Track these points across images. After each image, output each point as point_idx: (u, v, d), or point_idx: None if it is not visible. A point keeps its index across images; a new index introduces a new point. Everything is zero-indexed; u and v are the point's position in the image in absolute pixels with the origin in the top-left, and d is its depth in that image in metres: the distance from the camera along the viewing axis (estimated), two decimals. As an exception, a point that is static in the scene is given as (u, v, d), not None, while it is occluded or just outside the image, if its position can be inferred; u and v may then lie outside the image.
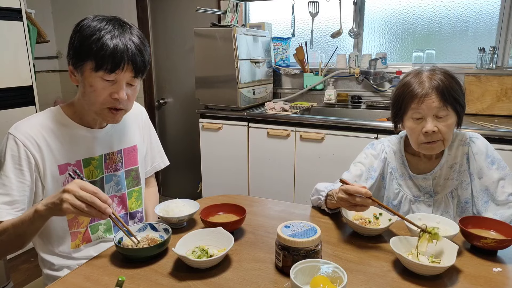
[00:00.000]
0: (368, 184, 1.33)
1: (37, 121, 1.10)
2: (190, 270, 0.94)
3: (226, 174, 2.69)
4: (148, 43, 1.09)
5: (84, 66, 1.02)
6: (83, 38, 1.00)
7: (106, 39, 0.99)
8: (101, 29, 1.00)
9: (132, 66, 1.03)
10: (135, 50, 1.03)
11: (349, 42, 2.87)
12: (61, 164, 1.10)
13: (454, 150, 1.30)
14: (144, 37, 1.08)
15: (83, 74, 1.03)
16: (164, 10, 3.35)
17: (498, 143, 1.89)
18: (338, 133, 2.28)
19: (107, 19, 1.04)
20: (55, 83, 3.89)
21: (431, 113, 1.18)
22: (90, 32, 1.00)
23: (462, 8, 2.51)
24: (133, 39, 1.03)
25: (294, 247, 0.90)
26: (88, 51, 0.99)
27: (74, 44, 1.03)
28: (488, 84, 2.34)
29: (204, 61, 2.63)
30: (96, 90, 1.03)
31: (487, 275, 0.92)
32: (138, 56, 1.03)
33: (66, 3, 3.69)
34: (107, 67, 1.00)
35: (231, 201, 1.25)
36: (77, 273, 0.95)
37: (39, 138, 1.07)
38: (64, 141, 1.11)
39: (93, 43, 0.99)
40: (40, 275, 1.30)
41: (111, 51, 0.99)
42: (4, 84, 2.35)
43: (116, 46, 0.99)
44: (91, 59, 1.00)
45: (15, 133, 1.05)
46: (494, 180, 1.24)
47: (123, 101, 1.06)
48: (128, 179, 1.28)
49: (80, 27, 1.03)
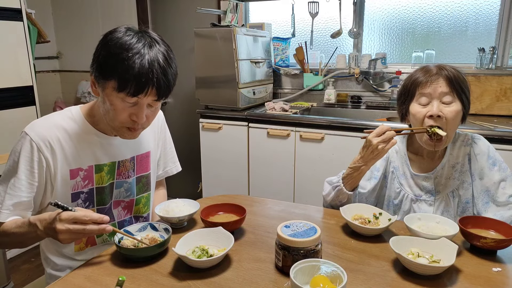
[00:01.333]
0: (372, 184, 1.34)
1: (54, 122, 1.08)
2: (190, 270, 0.94)
3: (226, 174, 2.69)
4: (175, 60, 1.04)
5: (106, 83, 0.99)
6: (109, 55, 0.97)
7: (132, 61, 0.94)
8: (129, 48, 0.95)
9: (156, 91, 0.99)
10: (161, 74, 0.98)
11: (349, 42, 2.87)
12: (73, 169, 1.10)
13: (456, 150, 1.30)
14: (172, 57, 1.03)
15: (104, 90, 1.00)
16: (164, 10, 3.35)
17: (498, 143, 1.89)
18: (338, 133, 2.28)
19: (137, 35, 0.98)
20: (55, 83, 3.90)
21: (437, 97, 1.19)
22: (117, 50, 0.95)
23: (461, 8, 2.52)
24: (159, 60, 0.98)
25: (294, 246, 0.90)
26: (112, 70, 0.96)
27: (99, 58, 0.99)
28: (488, 84, 2.34)
29: (204, 61, 2.63)
30: (116, 110, 1.01)
31: (487, 275, 0.92)
32: (163, 80, 0.99)
33: (66, 3, 3.69)
34: (129, 90, 0.96)
35: (231, 201, 1.26)
36: (78, 273, 0.95)
37: (54, 141, 1.06)
38: (78, 146, 1.10)
39: (118, 63, 0.95)
40: (41, 275, 1.31)
41: (136, 75, 0.95)
42: (4, 84, 2.35)
43: (141, 69, 0.95)
44: (115, 79, 0.96)
45: (30, 134, 1.04)
46: (495, 181, 1.24)
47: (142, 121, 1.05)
48: (139, 185, 1.27)
49: (109, 40, 0.98)
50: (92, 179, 1.13)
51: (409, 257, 0.91)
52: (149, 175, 1.29)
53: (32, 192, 1.05)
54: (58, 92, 3.92)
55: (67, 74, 3.88)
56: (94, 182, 1.14)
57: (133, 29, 1.01)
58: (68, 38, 3.75)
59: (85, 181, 1.12)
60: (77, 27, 3.67)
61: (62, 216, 0.91)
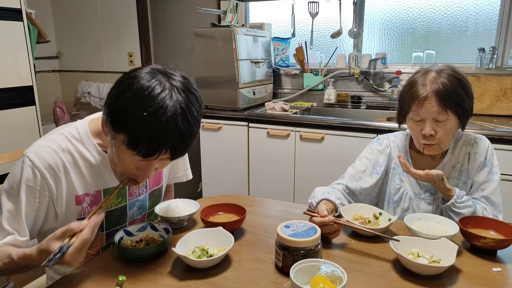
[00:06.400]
0: (374, 179, 1.35)
1: (59, 145, 0.98)
2: (190, 270, 0.94)
3: (226, 174, 2.69)
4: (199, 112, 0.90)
5: (116, 135, 0.88)
6: (125, 105, 0.84)
7: (148, 120, 0.81)
8: (146, 106, 0.81)
9: (170, 154, 0.87)
10: (178, 139, 0.85)
11: (349, 42, 2.87)
12: (79, 195, 1.02)
13: (457, 150, 1.31)
14: (197, 111, 0.89)
15: (113, 139, 0.90)
16: (164, 10, 3.35)
17: (497, 143, 1.89)
18: (338, 133, 2.28)
19: (161, 85, 0.84)
20: (55, 83, 3.89)
21: (430, 117, 1.19)
22: (134, 104, 0.82)
23: (461, 8, 2.52)
24: (182, 121, 0.84)
25: (294, 247, 0.90)
26: (125, 125, 0.84)
27: (113, 101, 0.87)
28: (488, 84, 2.34)
29: (204, 61, 2.63)
30: (122, 162, 0.91)
31: (487, 275, 0.92)
32: (180, 145, 0.86)
33: (66, 3, 3.68)
34: (140, 151, 0.85)
35: (231, 201, 1.25)
36: (78, 273, 0.95)
37: (59, 166, 0.97)
38: (85, 171, 1.01)
39: (131, 120, 0.83)
40: (41, 275, 1.30)
41: (149, 138, 0.83)
42: (4, 84, 2.35)
43: (155, 132, 0.82)
44: (125, 135, 0.85)
45: (33, 159, 0.94)
46: (479, 181, 1.26)
47: (149, 177, 0.96)
48: (151, 199, 1.21)
49: (130, 84, 0.84)
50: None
51: (409, 257, 0.91)
52: (162, 187, 1.25)
53: (32, 219, 0.97)
54: (58, 92, 3.92)
55: (67, 74, 3.88)
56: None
57: (159, 71, 0.88)
58: (68, 38, 3.75)
59: (92, 206, 1.04)
60: (77, 27, 3.67)
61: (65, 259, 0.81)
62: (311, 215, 1.08)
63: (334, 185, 1.34)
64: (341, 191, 1.31)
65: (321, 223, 1.03)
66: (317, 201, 1.19)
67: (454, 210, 1.18)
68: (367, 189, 1.34)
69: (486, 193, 1.24)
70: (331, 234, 1.06)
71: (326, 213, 1.06)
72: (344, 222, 1.06)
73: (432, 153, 1.26)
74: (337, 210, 1.17)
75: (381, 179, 1.37)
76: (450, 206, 1.18)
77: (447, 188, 1.19)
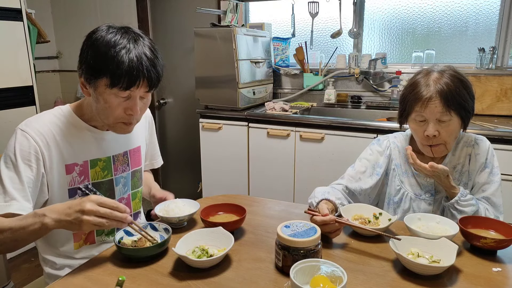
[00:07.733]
0: (373, 180, 1.35)
1: (48, 119, 1.10)
2: (190, 270, 0.94)
3: (226, 174, 2.69)
4: (160, 52, 1.07)
5: (98, 82, 1.01)
6: (97, 54, 0.99)
7: (121, 56, 0.97)
8: (116, 45, 0.98)
9: (147, 82, 1.02)
10: (150, 66, 1.01)
11: (349, 42, 2.87)
12: (69, 164, 1.10)
13: (458, 151, 1.31)
14: (156, 49, 1.06)
15: (96, 89, 1.02)
16: (164, 10, 3.35)
17: (498, 143, 1.89)
18: (338, 133, 2.28)
19: (120, 31, 1.01)
20: (55, 83, 3.89)
21: (434, 118, 1.19)
22: (104, 49, 0.98)
23: (462, 8, 2.52)
24: (146, 53, 1.01)
25: (294, 246, 0.90)
26: (103, 69, 0.98)
27: (87, 59, 1.01)
28: (488, 84, 2.34)
29: (204, 61, 2.63)
30: (111, 106, 1.03)
31: (487, 275, 0.92)
32: (152, 72, 1.02)
33: (66, 3, 3.68)
34: (122, 85, 0.99)
35: (231, 201, 1.26)
36: (78, 272, 0.95)
37: (49, 136, 1.07)
38: (72, 141, 1.11)
39: (108, 61, 0.97)
40: (41, 275, 1.30)
41: (126, 69, 0.97)
42: (4, 84, 2.35)
43: (131, 63, 0.98)
44: (106, 77, 0.98)
45: (25, 129, 1.05)
46: (480, 182, 1.26)
47: (137, 114, 1.07)
48: (133, 180, 1.29)
49: (94, 40, 1.00)
50: (88, 175, 1.14)
51: (409, 257, 0.91)
52: (141, 169, 1.32)
53: (30, 187, 1.03)
54: (58, 92, 3.92)
55: (66, 74, 3.88)
56: (90, 177, 1.14)
57: (114, 26, 1.03)
58: (68, 38, 3.74)
59: (81, 176, 1.13)
60: (77, 27, 3.66)
61: (92, 197, 0.91)
62: (312, 214, 1.08)
63: (333, 186, 1.35)
64: (341, 191, 1.31)
65: (323, 222, 1.03)
66: (317, 201, 1.19)
67: (457, 208, 1.18)
68: (367, 190, 1.34)
69: (487, 194, 1.24)
70: (332, 233, 1.07)
71: (327, 212, 1.06)
72: (345, 221, 1.06)
73: (439, 155, 1.25)
74: (337, 210, 1.17)
75: (380, 180, 1.36)
76: (454, 204, 1.18)
77: (451, 185, 1.18)
